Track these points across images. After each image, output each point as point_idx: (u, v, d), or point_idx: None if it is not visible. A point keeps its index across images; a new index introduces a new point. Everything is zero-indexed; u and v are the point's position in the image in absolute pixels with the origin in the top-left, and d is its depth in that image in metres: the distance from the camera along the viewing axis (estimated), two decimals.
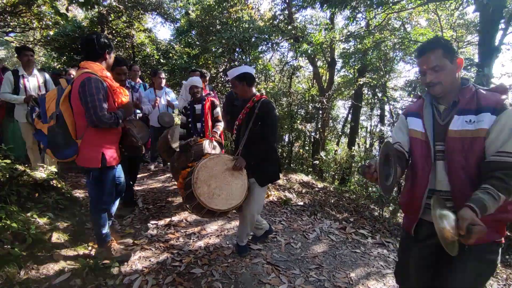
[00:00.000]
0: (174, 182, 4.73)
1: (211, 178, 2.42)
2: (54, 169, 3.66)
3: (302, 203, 4.43)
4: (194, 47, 11.01)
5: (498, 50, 5.06)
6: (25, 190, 3.00)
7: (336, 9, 7.22)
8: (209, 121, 3.56)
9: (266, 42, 9.25)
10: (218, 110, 3.64)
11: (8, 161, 3.10)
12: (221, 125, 3.60)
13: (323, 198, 4.99)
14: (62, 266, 2.33)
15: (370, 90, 12.47)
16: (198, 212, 2.44)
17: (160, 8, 11.34)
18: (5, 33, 11.04)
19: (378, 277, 2.69)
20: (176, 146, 3.76)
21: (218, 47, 8.64)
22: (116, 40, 10.91)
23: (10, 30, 10.81)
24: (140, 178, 4.86)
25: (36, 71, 3.95)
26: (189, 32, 10.88)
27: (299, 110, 9.56)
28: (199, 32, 10.24)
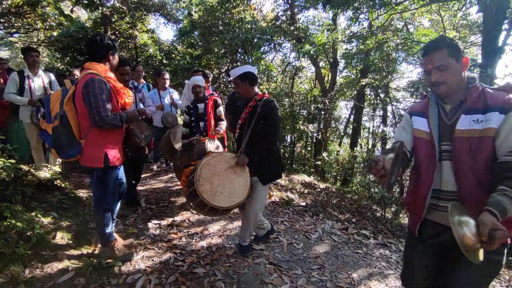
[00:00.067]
0: (177, 182, 4.75)
1: (214, 175, 2.42)
2: (58, 169, 3.70)
3: (304, 204, 4.43)
4: (197, 48, 11.04)
5: (501, 51, 5.04)
6: (29, 189, 3.03)
7: (338, 9, 7.23)
8: (212, 120, 3.57)
9: (268, 43, 9.27)
10: (220, 109, 3.65)
11: (12, 161, 3.13)
12: (223, 124, 3.61)
13: (325, 198, 5.00)
14: (66, 265, 2.35)
15: (372, 91, 12.44)
16: (201, 209, 2.45)
17: (163, 9, 11.39)
18: (9, 34, 11.12)
19: (380, 277, 2.69)
20: (178, 146, 3.78)
21: (221, 48, 8.66)
22: (119, 40, 10.98)
23: (15, 31, 10.89)
24: (142, 178, 4.87)
25: (41, 72, 3.97)
26: (191, 32, 10.92)
27: (301, 110, 9.57)
28: (202, 32, 10.28)
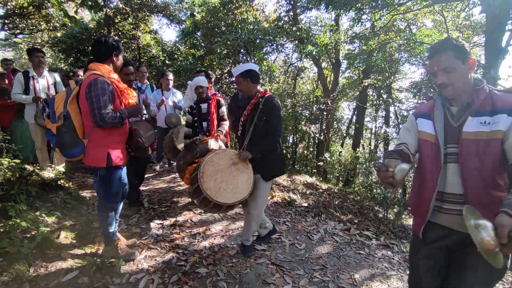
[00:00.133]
0: (179, 182, 4.77)
1: (217, 172, 2.43)
2: (62, 169, 3.72)
3: (306, 204, 4.44)
4: (199, 49, 11.09)
5: (505, 52, 5.02)
6: (34, 189, 3.05)
7: (341, 10, 7.23)
8: (215, 120, 3.58)
9: (270, 44, 9.29)
10: (223, 109, 3.66)
11: (17, 161, 3.17)
12: (226, 124, 3.61)
13: (328, 199, 4.99)
14: (70, 264, 2.37)
15: (375, 92, 12.43)
16: (205, 206, 2.45)
17: (166, 9, 11.45)
18: (13, 34, 11.23)
19: (382, 278, 2.69)
20: (181, 146, 3.79)
21: (223, 49, 8.70)
22: (122, 41, 11.05)
23: (19, 32, 10.99)
24: (145, 179, 4.89)
25: (46, 73, 4.01)
26: (194, 33, 10.97)
27: (304, 111, 9.56)
28: (204, 33, 10.32)
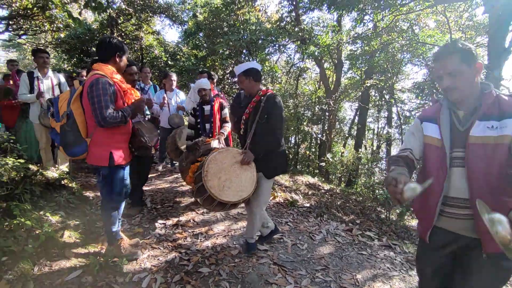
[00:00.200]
0: (182, 182, 4.79)
1: (221, 171, 2.44)
2: (65, 169, 3.75)
3: (308, 205, 4.44)
4: (202, 49, 11.12)
5: (508, 52, 4.99)
6: (38, 189, 3.08)
7: (343, 11, 7.25)
8: (217, 122, 3.60)
9: (273, 44, 9.31)
10: (226, 112, 3.68)
11: (22, 160, 3.20)
12: (228, 126, 3.64)
13: (330, 200, 5.00)
14: (73, 263, 2.39)
15: (377, 92, 12.42)
16: (209, 204, 2.46)
17: (168, 10, 11.50)
18: (17, 35, 11.29)
19: (384, 279, 2.69)
20: (183, 147, 3.81)
21: (225, 49, 8.71)
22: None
23: (23, 32, 11.06)
24: (148, 179, 4.92)
25: (50, 73, 4.04)
26: (196, 34, 11.00)
27: (306, 111, 9.57)
28: (207, 34, 10.35)
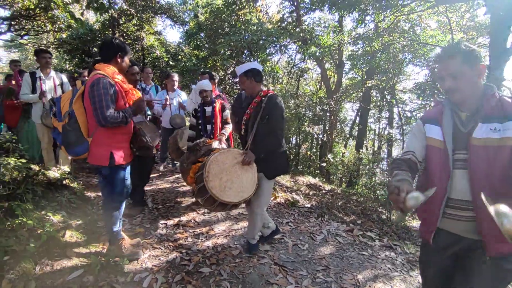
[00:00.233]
0: (183, 183, 4.79)
1: (222, 171, 2.45)
2: (67, 169, 3.77)
3: (309, 205, 4.44)
4: (203, 50, 11.14)
5: (509, 53, 4.98)
6: (39, 189, 3.09)
7: (344, 11, 7.24)
8: (218, 123, 3.62)
9: (274, 45, 9.31)
10: (227, 113, 3.70)
11: (23, 160, 3.21)
12: (229, 127, 3.66)
13: (331, 200, 4.99)
14: (75, 263, 2.40)
15: (378, 93, 12.39)
16: (210, 205, 2.47)
17: (169, 11, 11.53)
18: (19, 36, 11.34)
19: (385, 279, 2.69)
20: (184, 148, 3.83)
21: (227, 50, 8.72)
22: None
23: (25, 33, 11.10)
24: (150, 179, 4.93)
25: (53, 73, 4.06)
26: (198, 34, 11.03)
27: (307, 112, 9.57)
28: (208, 34, 10.36)
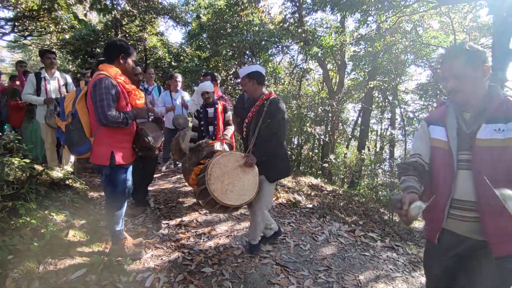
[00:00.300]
0: (185, 183, 4.81)
1: (224, 174, 2.47)
2: (70, 169, 3.79)
3: (311, 206, 4.44)
4: (205, 50, 11.17)
5: None
6: (43, 188, 3.11)
7: (346, 12, 7.24)
8: (221, 124, 3.64)
9: (276, 45, 9.33)
10: (229, 114, 3.72)
11: (27, 160, 3.23)
12: (231, 128, 3.68)
13: (332, 201, 4.99)
14: (78, 262, 2.41)
15: (380, 93, 12.35)
16: (211, 207, 2.49)
17: (172, 12, 11.57)
18: (23, 36, 11.41)
19: (387, 280, 2.69)
20: (186, 149, 3.85)
21: (229, 50, 8.75)
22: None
23: (28, 33, 11.17)
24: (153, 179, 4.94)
25: (57, 74, 4.09)
26: (200, 35, 11.06)
27: (309, 112, 9.56)
28: (210, 35, 10.39)
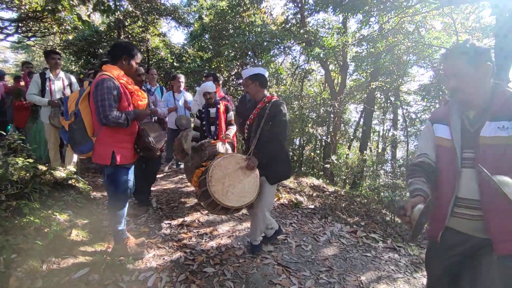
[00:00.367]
0: (187, 183, 4.82)
1: (225, 176, 2.49)
2: (73, 169, 3.81)
3: (312, 206, 4.45)
4: (207, 51, 11.19)
5: None
6: (46, 188, 3.14)
7: (348, 13, 7.23)
8: (223, 124, 3.65)
9: (278, 46, 9.34)
10: (231, 114, 3.74)
11: (31, 160, 3.26)
12: (233, 128, 3.69)
13: (334, 201, 4.99)
14: (81, 261, 2.43)
15: (383, 94, 12.33)
16: (212, 209, 2.51)
17: (174, 13, 11.60)
18: (26, 37, 11.49)
19: (389, 281, 2.69)
20: (188, 149, 3.87)
21: (231, 51, 8.76)
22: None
23: (32, 34, 11.25)
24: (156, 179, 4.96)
25: (62, 74, 4.12)
26: (202, 36, 11.09)
27: (311, 113, 9.55)
28: (212, 36, 10.42)
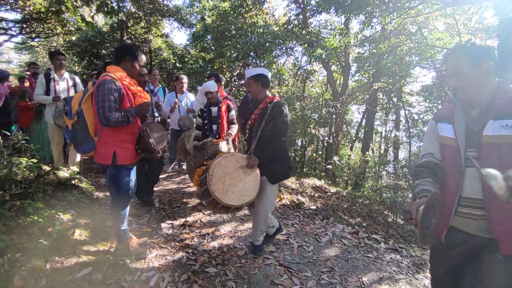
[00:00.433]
0: (189, 184, 4.84)
1: (226, 175, 2.50)
2: (76, 169, 3.84)
3: (314, 207, 4.45)
4: (209, 52, 11.23)
5: None
6: (50, 188, 3.16)
7: (351, 14, 7.24)
8: (224, 123, 3.67)
9: (280, 47, 9.35)
10: (233, 113, 3.75)
11: (34, 160, 3.29)
12: (235, 127, 3.70)
13: (336, 202, 4.99)
14: (84, 260, 2.44)
15: (385, 95, 12.32)
16: (213, 207, 2.53)
17: (177, 14, 11.64)
18: (30, 38, 11.57)
19: (390, 282, 2.69)
20: (190, 149, 3.88)
21: (233, 52, 8.78)
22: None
23: (35, 35, 11.33)
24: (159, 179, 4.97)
25: (66, 75, 4.16)
26: (204, 37, 11.13)
27: (313, 114, 9.54)
28: (215, 37, 10.45)
